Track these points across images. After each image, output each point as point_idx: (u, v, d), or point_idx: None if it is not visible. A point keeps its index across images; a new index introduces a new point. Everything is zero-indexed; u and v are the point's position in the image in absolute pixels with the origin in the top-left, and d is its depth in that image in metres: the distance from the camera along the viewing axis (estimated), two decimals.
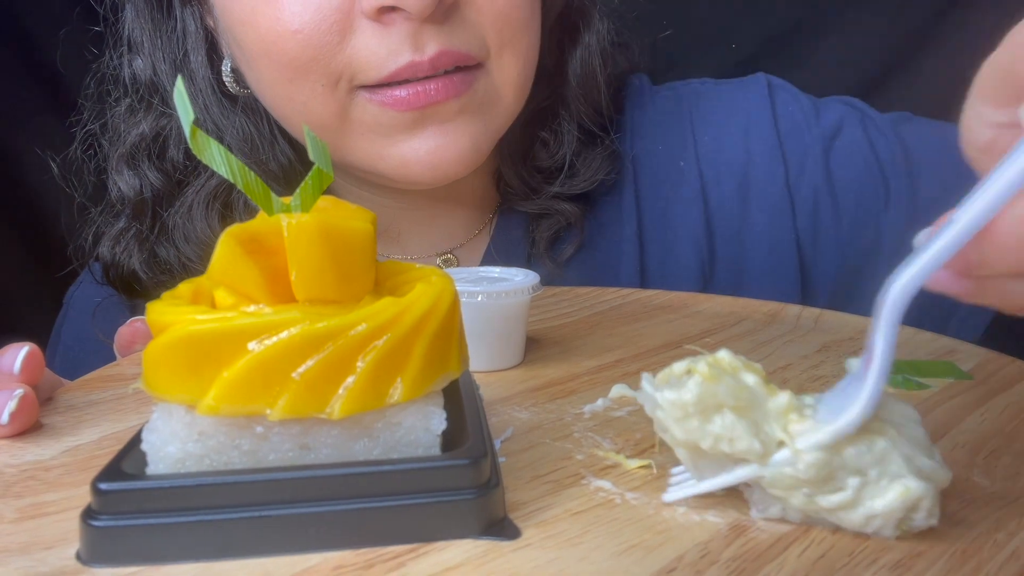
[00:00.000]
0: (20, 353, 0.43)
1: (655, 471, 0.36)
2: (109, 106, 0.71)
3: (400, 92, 0.58)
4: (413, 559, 0.29)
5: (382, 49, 0.57)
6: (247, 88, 0.67)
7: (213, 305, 0.32)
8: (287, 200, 0.32)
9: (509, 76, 0.63)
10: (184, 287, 0.33)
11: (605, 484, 0.35)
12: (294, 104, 0.61)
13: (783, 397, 0.31)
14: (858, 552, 0.30)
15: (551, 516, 0.32)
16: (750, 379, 0.32)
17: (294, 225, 0.30)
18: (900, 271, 0.29)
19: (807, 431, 0.30)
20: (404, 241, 0.75)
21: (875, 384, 0.30)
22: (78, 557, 0.30)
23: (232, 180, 0.31)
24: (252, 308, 0.30)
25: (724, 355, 0.33)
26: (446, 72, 0.59)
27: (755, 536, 0.31)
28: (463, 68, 0.60)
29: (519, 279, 0.50)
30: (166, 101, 0.69)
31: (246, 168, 0.31)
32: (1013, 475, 0.35)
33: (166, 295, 0.32)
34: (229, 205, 0.70)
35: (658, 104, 0.78)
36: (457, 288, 0.34)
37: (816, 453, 0.30)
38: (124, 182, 0.70)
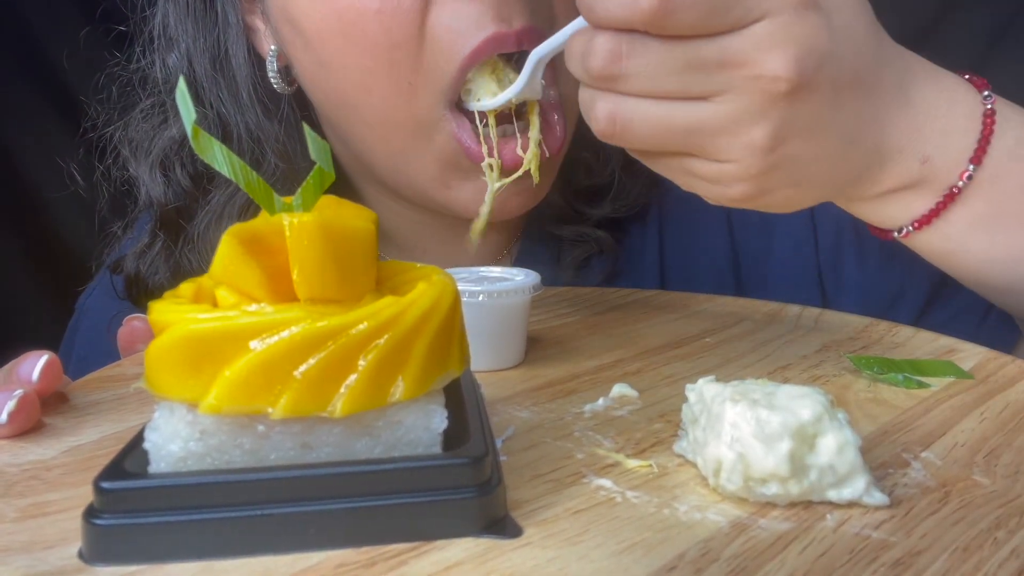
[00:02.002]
0: (40, 362, 0.42)
1: (655, 470, 0.36)
2: (135, 108, 0.68)
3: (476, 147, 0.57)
4: (414, 557, 0.29)
5: (463, 22, 0.55)
6: (292, 85, 0.65)
7: (215, 304, 0.32)
8: (289, 199, 0.32)
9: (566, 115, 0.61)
10: (186, 287, 0.33)
11: (606, 483, 0.35)
12: (371, 97, 0.59)
13: None
14: (859, 550, 0.30)
15: (552, 515, 0.32)
16: None
17: (296, 224, 0.30)
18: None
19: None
20: (424, 259, 0.73)
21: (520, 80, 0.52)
22: (80, 556, 0.30)
23: (234, 179, 0.31)
24: (254, 307, 0.30)
25: None
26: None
27: (756, 535, 0.31)
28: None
29: (520, 279, 0.50)
30: (201, 99, 0.66)
31: (248, 168, 0.31)
32: (1013, 474, 0.36)
33: (168, 294, 0.32)
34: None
35: None
36: (458, 287, 0.34)
37: None
38: (154, 187, 0.67)
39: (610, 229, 0.72)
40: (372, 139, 0.62)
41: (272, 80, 0.65)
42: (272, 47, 0.64)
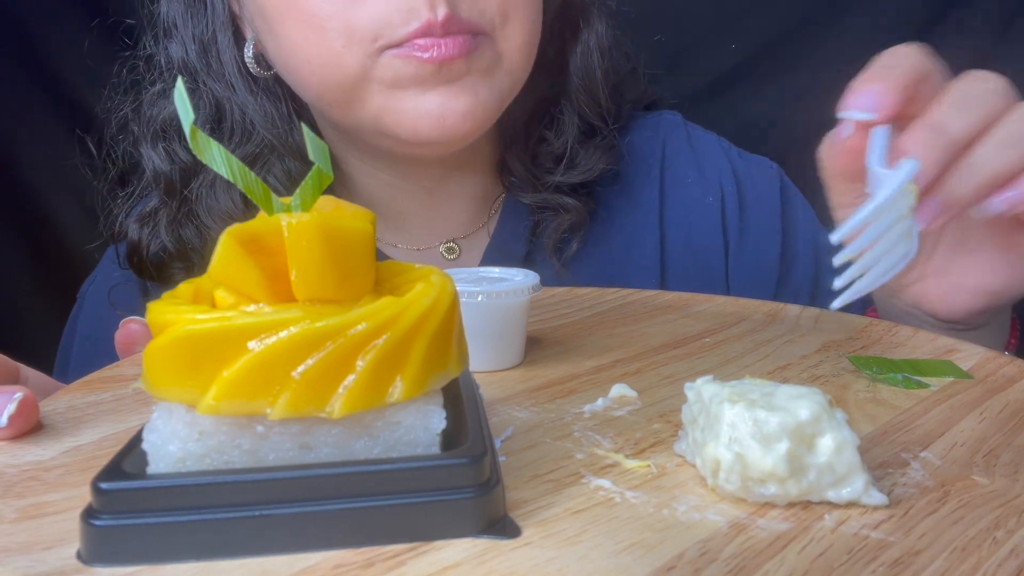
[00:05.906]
0: (9, 406, 0.39)
1: (655, 470, 0.36)
2: (144, 89, 0.75)
3: (422, 54, 0.62)
4: (413, 557, 0.29)
5: (401, 4, 0.61)
6: (269, 69, 0.71)
7: (213, 305, 0.32)
8: (287, 200, 0.32)
9: (513, 45, 0.67)
10: (184, 287, 0.33)
11: (605, 483, 0.35)
12: (312, 67, 0.64)
13: None
14: (858, 550, 0.30)
15: (551, 515, 0.32)
16: None
17: (294, 225, 0.30)
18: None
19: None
20: (407, 227, 0.78)
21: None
22: (79, 557, 0.30)
23: (232, 180, 0.31)
24: (252, 308, 0.30)
25: None
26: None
27: (755, 534, 0.31)
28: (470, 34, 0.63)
29: (519, 279, 0.50)
30: (195, 80, 0.73)
31: (246, 168, 0.31)
32: (1012, 473, 0.36)
33: (166, 295, 0.32)
34: None
35: (695, 143, 0.85)
36: (457, 288, 0.34)
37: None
38: (157, 158, 0.74)
39: (581, 196, 0.78)
40: (325, 103, 0.68)
41: (248, 64, 0.72)
42: (249, 39, 0.71)
